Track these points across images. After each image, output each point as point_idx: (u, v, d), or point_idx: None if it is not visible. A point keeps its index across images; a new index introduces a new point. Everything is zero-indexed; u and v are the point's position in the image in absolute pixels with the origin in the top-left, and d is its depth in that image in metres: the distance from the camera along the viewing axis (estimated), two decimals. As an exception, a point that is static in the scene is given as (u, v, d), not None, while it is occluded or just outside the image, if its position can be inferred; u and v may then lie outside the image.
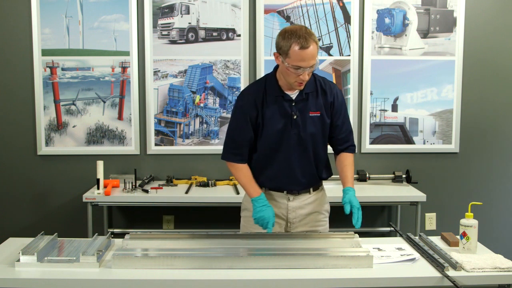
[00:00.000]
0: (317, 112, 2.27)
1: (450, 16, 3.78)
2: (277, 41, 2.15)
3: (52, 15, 3.66)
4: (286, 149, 2.27)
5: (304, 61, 2.09)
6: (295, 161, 2.29)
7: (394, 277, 1.94)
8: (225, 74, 3.76)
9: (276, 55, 2.17)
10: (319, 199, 2.41)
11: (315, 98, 2.27)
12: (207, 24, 3.72)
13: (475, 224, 2.14)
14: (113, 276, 1.93)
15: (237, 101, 2.31)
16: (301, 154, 2.29)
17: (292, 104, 2.25)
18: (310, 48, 2.08)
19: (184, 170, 3.80)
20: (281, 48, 2.12)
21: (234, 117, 2.32)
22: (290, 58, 2.10)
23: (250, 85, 2.38)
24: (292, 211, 2.35)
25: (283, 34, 2.13)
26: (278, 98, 2.24)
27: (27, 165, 3.77)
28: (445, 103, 3.84)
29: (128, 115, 3.75)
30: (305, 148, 2.28)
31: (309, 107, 2.26)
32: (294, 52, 2.08)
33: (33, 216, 3.81)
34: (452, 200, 3.92)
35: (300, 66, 2.09)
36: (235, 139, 2.31)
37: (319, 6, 3.73)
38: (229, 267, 1.98)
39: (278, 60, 2.17)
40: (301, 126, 2.25)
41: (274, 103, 2.24)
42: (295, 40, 2.07)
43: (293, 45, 2.08)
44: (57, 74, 3.71)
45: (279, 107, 2.24)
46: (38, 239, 2.19)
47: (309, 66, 2.10)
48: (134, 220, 3.84)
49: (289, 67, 2.11)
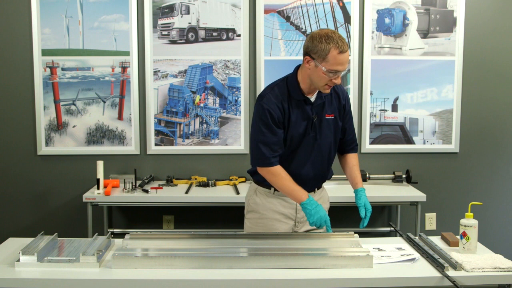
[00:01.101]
0: (332, 114, 2.31)
1: (450, 16, 3.78)
2: (311, 45, 2.12)
3: (52, 15, 3.66)
4: (303, 151, 2.30)
5: (342, 65, 2.11)
6: (309, 161, 2.31)
7: (394, 277, 1.95)
8: (225, 74, 3.76)
9: (307, 59, 2.15)
10: (322, 197, 2.46)
11: (330, 101, 2.31)
12: (207, 24, 3.72)
13: (475, 224, 2.14)
14: (113, 276, 1.93)
15: (260, 105, 2.22)
16: (316, 156, 2.31)
17: (312, 108, 2.27)
18: (347, 52, 2.11)
19: (184, 170, 3.80)
20: (317, 52, 2.10)
21: (262, 121, 2.22)
22: (327, 63, 2.09)
23: (271, 88, 2.28)
24: (300, 210, 2.36)
25: (319, 38, 2.10)
26: (301, 102, 2.25)
27: (27, 165, 3.77)
28: (445, 103, 3.84)
29: (128, 115, 3.75)
30: (320, 150, 2.31)
31: (326, 110, 2.29)
32: (333, 56, 2.08)
33: (33, 216, 3.81)
34: (452, 200, 3.92)
35: (338, 70, 2.11)
36: (270, 142, 2.23)
37: (319, 6, 3.73)
38: (229, 267, 1.98)
39: (309, 64, 2.15)
40: (318, 129, 2.28)
41: (298, 107, 2.25)
42: (334, 44, 2.08)
43: (332, 50, 2.08)
44: (57, 74, 3.71)
45: (302, 111, 2.25)
46: (38, 239, 2.19)
47: (344, 69, 2.14)
48: (134, 220, 3.84)
49: (325, 72, 2.11)
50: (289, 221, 2.38)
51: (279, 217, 2.35)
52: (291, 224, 2.39)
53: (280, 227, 2.36)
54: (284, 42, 3.74)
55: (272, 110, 2.20)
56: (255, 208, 2.39)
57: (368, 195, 2.35)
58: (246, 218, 2.46)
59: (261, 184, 2.38)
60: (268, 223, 2.36)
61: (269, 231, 2.33)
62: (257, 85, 3.75)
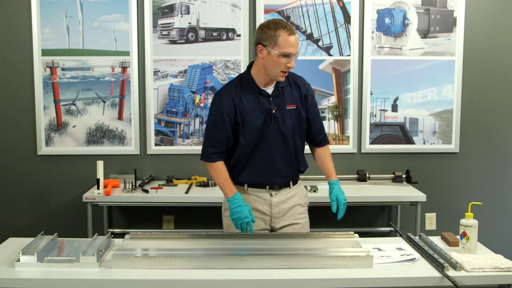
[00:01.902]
0: (293, 105, 2.34)
1: (450, 16, 3.78)
2: (261, 34, 2.22)
3: (52, 15, 3.66)
4: (267, 143, 2.32)
5: (293, 47, 2.19)
6: (276, 154, 2.34)
7: (394, 277, 1.95)
8: (225, 74, 3.76)
9: (260, 48, 2.23)
10: (299, 193, 2.47)
11: (290, 92, 2.35)
12: (207, 24, 3.72)
13: (475, 224, 2.15)
14: (113, 276, 1.93)
15: (213, 102, 2.35)
16: (281, 147, 2.34)
17: (270, 99, 2.31)
18: (296, 35, 2.21)
19: (184, 170, 3.80)
20: (267, 39, 2.20)
21: (210, 117, 2.35)
22: (279, 46, 2.18)
23: (225, 85, 2.41)
24: (276, 206, 2.39)
25: (267, 26, 2.22)
26: (256, 94, 2.30)
27: (27, 165, 3.77)
28: (445, 103, 3.84)
29: (128, 115, 3.75)
30: (285, 141, 2.34)
31: (286, 100, 2.33)
32: (284, 39, 2.17)
33: (33, 216, 3.81)
34: (452, 200, 3.92)
35: (290, 52, 2.19)
36: (212, 139, 2.35)
37: (319, 6, 3.73)
38: (229, 267, 1.98)
39: (262, 53, 2.23)
40: (280, 120, 2.31)
41: (252, 100, 2.30)
42: (282, 28, 2.19)
43: (281, 33, 2.18)
44: (57, 74, 3.71)
45: (258, 103, 2.30)
46: (38, 239, 2.19)
47: (296, 53, 2.21)
48: (134, 220, 3.84)
49: (278, 56, 2.18)
50: (265, 217, 2.40)
51: (255, 213, 2.35)
52: (268, 220, 2.40)
53: (256, 224, 2.35)
54: (284, 42, 3.74)
55: (221, 106, 2.29)
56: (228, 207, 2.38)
57: (368, 195, 2.36)
58: (223, 216, 2.48)
59: (235, 182, 2.39)
60: None
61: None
62: (257, 85, 3.74)
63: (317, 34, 3.75)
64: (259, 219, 2.38)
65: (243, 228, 2.25)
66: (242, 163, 2.37)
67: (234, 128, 2.32)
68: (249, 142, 2.32)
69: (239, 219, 2.24)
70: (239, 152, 2.35)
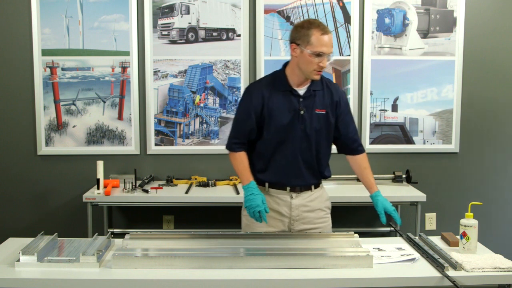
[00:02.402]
0: (323, 110, 2.33)
1: (450, 16, 3.78)
2: (295, 33, 2.23)
3: (52, 15, 3.66)
4: (291, 143, 2.31)
5: (326, 47, 2.18)
6: (299, 155, 2.33)
7: (394, 277, 1.95)
8: (225, 74, 3.76)
9: (293, 47, 2.24)
10: (320, 197, 2.44)
11: (322, 96, 2.33)
12: (207, 24, 3.72)
13: (475, 224, 2.15)
14: (113, 276, 1.93)
15: (243, 94, 2.38)
16: (305, 149, 2.33)
17: (300, 100, 2.30)
18: (329, 35, 2.20)
19: (184, 170, 3.80)
20: (301, 38, 2.20)
21: (239, 108, 2.38)
22: (312, 45, 2.18)
23: (258, 80, 2.46)
24: (295, 208, 2.37)
25: (301, 25, 2.23)
26: (286, 93, 2.30)
27: (27, 165, 3.77)
28: (445, 103, 3.84)
29: (128, 115, 3.75)
30: (310, 143, 2.33)
31: (316, 104, 2.32)
32: (316, 38, 2.17)
33: (33, 216, 3.81)
34: (452, 200, 3.92)
35: (322, 51, 2.18)
36: (236, 130, 2.37)
37: (319, 6, 3.73)
38: (229, 267, 1.98)
39: (295, 52, 2.23)
40: (307, 122, 2.30)
41: (282, 98, 2.30)
42: (315, 27, 2.19)
43: (315, 32, 2.18)
44: (57, 74, 3.71)
45: (287, 102, 2.29)
46: (38, 239, 2.20)
47: (330, 53, 2.20)
48: (134, 220, 3.84)
49: (310, 55, 2.18)
50: (284, 219, 2.38)
51: (274, 214, 2.35)
52: (286, 222, 2.38)
53: (275, 224, 2.36)
54: (284, 42, 3.74)
55: (249, 100, 2.31)
56: None
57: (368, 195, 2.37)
58: (242, 215, 2.47)
59: (257, 181, 2.38)
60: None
61: (263, 228, 2.33)
62: (257, 85, 3.74)
63: (317, 34, 3.74)
64: (278, 221, 2.37)
65: (256, 217, 2.24)
66: (264, 160, 2.35)
67: (260, 122, 2.32)
68: (273, 138, 2.32)
69: (251, 207, 2.24)
70: (261, 146, 2.35)
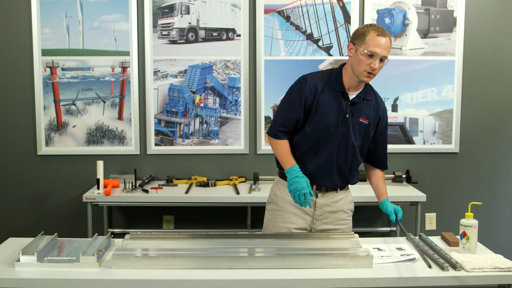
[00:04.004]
0: (367, 120, 2.34)
1: (450, 16, 3.78)
2: (355, 33, 2.26)
3: (52, 15, 3.66)
4: (329, 143, 2.31)
5: (380, 48, 2.18)
6: (335, 158, 2.33)
7: (394, 277, 1.94)
8: (225, 74, 3.76)
9: (350, 46, 2.25)
10: (344, 198, 2.45)
11: (370, 107, 2.35)
12: (207, 24, 3.72)
13: (475, 224, 2.14)
14: (113, 276, 1.93)
15: (296, 82, 2.34)
16: (341, 154, 2.33)
17: (348, 104, 2.30)
18: (386, 38, 2.20)
19: (184, 170, 3.80)
20: (358, 37, 2.22)
21: (288, 96, 2.34)
22: (366, 44, 2.18)
23: (314, 72, 2.41)
24: (319, 207, 2.38)
25: (362, 27, 2.25)
26: (338, 93, 2.30)
27: (27, 165, 3.77)
28: (445, 103, 3.84)
29: (128, 115, 3.75)
30: (347, 148, 2.33)
31: (362, 112, 2.33)
32: (371, 38, 2.18)
33: (33, 216, 3.81)
34: (452, 200, 3.92)
35: (375, 52, 2.17)
36: (283, 117, 2.33)
37: (319, 6, 3.73)
38: (229, 267, 1.98)
39: (351, 51, 2.25)
40: (350, 127, 2.31)
41: (333, 97, 2.30)
42: (372, 28, 2.21)
43: (371, 32, 2.19)
44: (57, 74, 3.71)
45: (336, 102, 2.30)
46: (38, 239, 2.19)
47: (383, 56, 2.18)
48: (134, 220, 3.84)
49: (363, 53, 2.18)
50: (307, 217, 2.39)
51: (297, 211, 2.37)
52: (309, 220, 2.39)
53: (297, 221, 2.37)
54: (284, 42, 3.74)
55: (302, 89, 2.29)
56: (274, 200, 2.43)
57: (368, 195, 2.38)
58: (266, 209, 2.49)
59: (283, 176, 2.40)
60: (285, 215, 2.38)
61: (285, 224, 2.36)
62: (257, 85, 3.75)
63: (317, 34, 3.75)
64: (300, 218, 2.38)
65: (301, 201, 2.23)
66: (298, 155, 2.34)
67: (305, 115, 2.31)
68: (312, 133, 2.31)
69: (296, 190, 2.23)
70: (299, 140, 2.34)
